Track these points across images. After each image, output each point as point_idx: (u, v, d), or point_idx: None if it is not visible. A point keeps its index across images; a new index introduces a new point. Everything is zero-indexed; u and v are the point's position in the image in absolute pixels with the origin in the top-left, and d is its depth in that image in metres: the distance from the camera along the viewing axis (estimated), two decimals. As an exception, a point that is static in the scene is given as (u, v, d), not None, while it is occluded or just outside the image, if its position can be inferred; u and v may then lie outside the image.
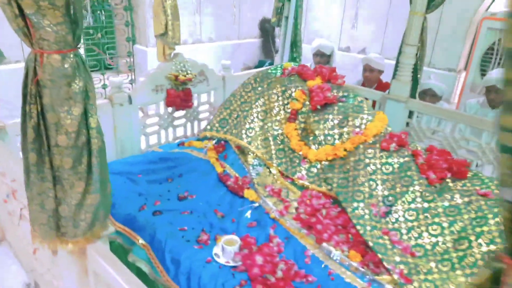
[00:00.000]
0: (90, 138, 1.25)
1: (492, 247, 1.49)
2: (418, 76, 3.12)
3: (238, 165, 2.17)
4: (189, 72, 3.03)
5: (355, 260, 1.62)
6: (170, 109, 3.10)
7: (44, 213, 1.26)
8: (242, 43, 5.43)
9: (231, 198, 2.07)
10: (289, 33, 3.74)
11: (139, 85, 2.83)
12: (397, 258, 1.56)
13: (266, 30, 5.99)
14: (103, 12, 4.82)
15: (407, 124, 3.26)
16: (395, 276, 1.50)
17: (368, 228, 1.66)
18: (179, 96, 3.02)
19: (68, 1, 1.06)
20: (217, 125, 2.30)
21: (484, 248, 1.49)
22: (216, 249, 1.82)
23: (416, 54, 3.03)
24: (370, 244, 1.60)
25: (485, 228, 1.53)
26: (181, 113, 3.18)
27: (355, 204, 1.74)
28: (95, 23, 4.86)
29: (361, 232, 1.65)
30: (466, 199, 1.64)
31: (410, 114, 3.21)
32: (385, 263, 1.54)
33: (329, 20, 5.40)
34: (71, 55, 1.13)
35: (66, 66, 1.12)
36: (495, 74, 3.13)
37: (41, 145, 1.19)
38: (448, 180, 1.75)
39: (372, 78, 3.80)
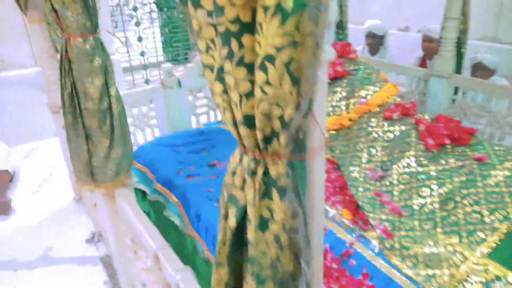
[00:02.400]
0: (111, 104, 1.59)
1: (476, 207, 1.52)
2: (462, 50, 3.00)
3: (260, 136, 2.40)
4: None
5: (347, 218, 1.75)
6: (217, 91, 3.43)
7: (80, 163, 1.64)
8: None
9: (252, 165, 2.31)
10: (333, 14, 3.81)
11: (187, 71, 3.21)
12: (383, 216, 1.66)
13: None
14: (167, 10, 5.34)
15: (453, 101, 3.15)
16: (378, 231, 1.61)
17: (361, 189, 1.78)
18: (224, 79, 3.34)
19: (85, -4, 1.40)
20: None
21: (468, 209, 1.53)
22: (232, 207, 2.08)
23: (460, 28, 2.92)
24: (360, 203, 1.72)
25: (472, 190, 1.56)
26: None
27: (351, 168, 1.86)
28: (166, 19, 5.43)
29: (353, 192, 1.77)
30: (459, 163, 1.67)
31: (457, 90, 3.10)
32: (370, 220, 1.65)
33: (387, 0, 5.28)
34: (91, 38, 1.47)
35: (87, 46, 1.47)
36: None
37: (75, 109, 1.56)
38: (448, 146, 1.77)
39: (431, 48, 3.70)
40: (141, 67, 4.92)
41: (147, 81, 5.00)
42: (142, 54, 4.82)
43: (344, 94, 2.10)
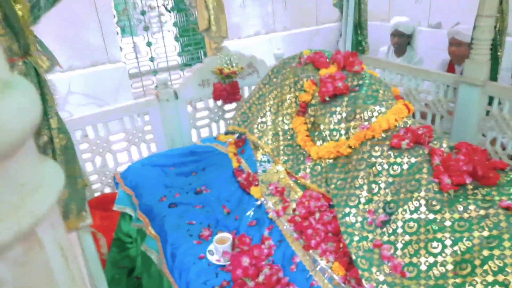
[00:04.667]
0: (53, 138, 1.35)
1: (500, 277, 1.15)
2: (499, 53, 2.55)
3: (252, 160, 2.10)
4: (234, 65, 3.03)
5: (338, 274, 1.43)
6: (219, 102, 3.16)
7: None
8: (321, 29, 5.17)
9: (240, 194, 2.03)
10: (351, 14, 3.43)
11: (185, 81, 2.95)
12: (381, 277, 1.32)
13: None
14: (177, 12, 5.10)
15: (487, 112, 2.71)
16: (372, 298, 1.28)
17: (356, 238, 1.44)
18: (226, 89, 3.05)
19: (5, 15, 1.16)
20: (238, 119, 2.25)
21: (490, 278, 1.17)
22: (211, 246, 1.81)
23: (495, 27, 2.47)
24: (353, 257, 1.39)
25: (496, 252, 1.19)
26: (232, 105, 3.21)
27: (346, 210, 1.52)
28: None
29: (346, 242, 1.44)
30: (482, 212, 1.30)
31: (491, 100, 2.66)
32: (364, 282, 1.32)
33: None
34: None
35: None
36: None
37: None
38: (468, 187, 1.40)
39: (459, 53, 3.25)
40: (152, 73, 4.74)
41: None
42: (152, 59, 4.63)
43: (343, 115, 1.76)
